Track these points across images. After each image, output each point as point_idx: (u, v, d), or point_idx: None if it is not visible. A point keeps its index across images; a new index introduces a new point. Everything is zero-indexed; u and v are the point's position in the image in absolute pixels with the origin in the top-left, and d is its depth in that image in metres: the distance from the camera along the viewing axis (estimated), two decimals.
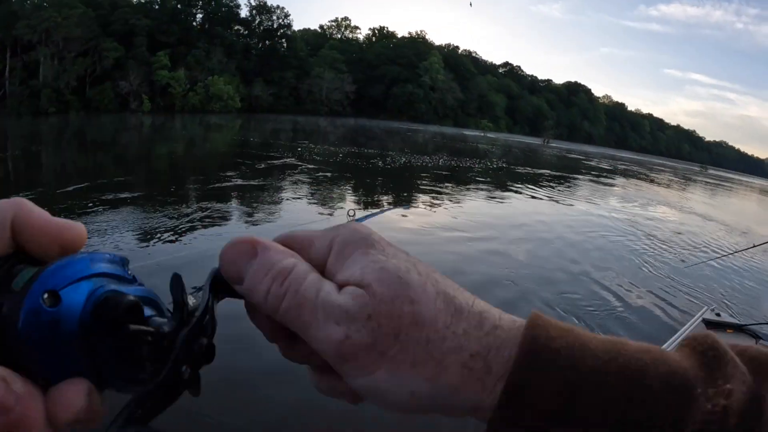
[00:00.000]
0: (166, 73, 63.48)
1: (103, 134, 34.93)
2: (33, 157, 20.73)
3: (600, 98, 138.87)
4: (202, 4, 75.18)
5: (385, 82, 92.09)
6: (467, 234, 10.77)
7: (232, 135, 38.56)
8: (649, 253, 11.40)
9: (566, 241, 11.48)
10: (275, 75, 78.18)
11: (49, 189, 12.56)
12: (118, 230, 8.82)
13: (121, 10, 65.00)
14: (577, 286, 8.22)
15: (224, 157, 23.42)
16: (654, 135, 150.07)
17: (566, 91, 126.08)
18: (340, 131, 52.21)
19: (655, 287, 8.60)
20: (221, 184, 14.62)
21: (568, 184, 26.36)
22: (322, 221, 9.83)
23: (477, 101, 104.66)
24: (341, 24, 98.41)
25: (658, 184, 37.57)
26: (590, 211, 16.80)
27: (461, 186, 19.36)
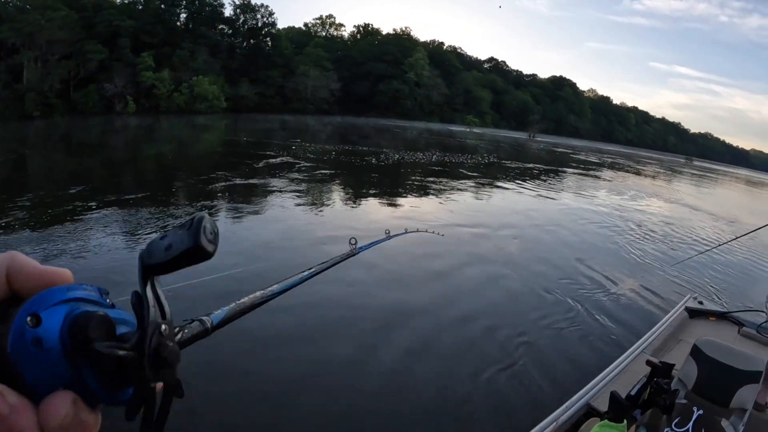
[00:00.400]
0: (150, 74, 63.67)
1: (92, 137, 35.32)
2: (32, 160, 20.96)
3: (585, 92, 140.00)
4: (185, 4, 75.21)
5: (371, 79, 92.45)
6: (468, 228, 11.44)
7: (223, 135, 39.04)
8: (637, 244, 11.89)
9: (560, 233, 12.06)
10: (261, 74, 78.40)
11: (53, 191, 12.91)
12: (127, 234, 9.25)
13: (104, 12, 65.07)
14: (571, 274, 8.74)
15: (221, 157, 23.74)
16: (640, 128, 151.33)
17: (551, 85, 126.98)
18: (329, 129, 52.93)
19: (641, 276, 9.00)
20: (223, 183, 15.21)
21: (558, 178, 26.87)
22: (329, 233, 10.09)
23: (463, 97, 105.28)
24: (326, 22, 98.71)
25: (645, 177, 38.26)
26: (580, 204, 17.46)
27: (455, 181, 19.75)
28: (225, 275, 5.29)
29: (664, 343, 3.92)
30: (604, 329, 6.40)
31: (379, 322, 6.12)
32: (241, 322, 0.59)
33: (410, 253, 8.87)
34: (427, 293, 7.29)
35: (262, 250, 8.70)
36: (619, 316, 6.91)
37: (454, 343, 5.78)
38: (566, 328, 6.34)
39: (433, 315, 6.51)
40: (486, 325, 6.26)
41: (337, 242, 8.35)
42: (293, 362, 5.06)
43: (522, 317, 6.58)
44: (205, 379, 4.44)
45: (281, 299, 0.78)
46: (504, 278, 8.35)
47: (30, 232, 8.97)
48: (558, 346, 5.79)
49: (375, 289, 7.22)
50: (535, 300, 7.35)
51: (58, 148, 28.31)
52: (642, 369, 3.02)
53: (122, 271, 6.88)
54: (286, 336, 5.55)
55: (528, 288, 7.90)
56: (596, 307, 7.19)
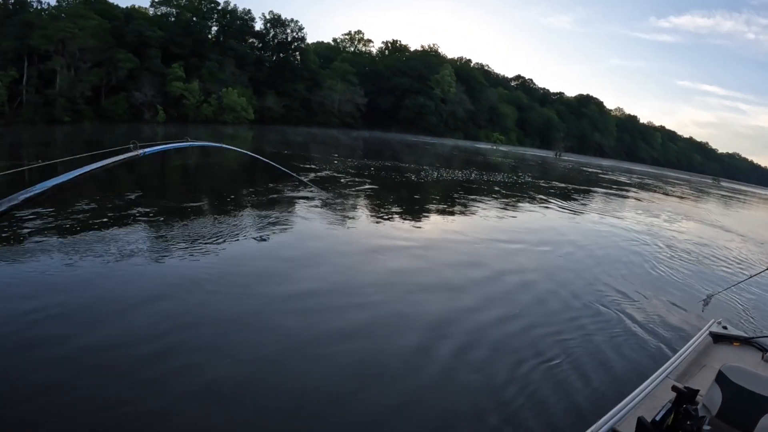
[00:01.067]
0: (180, 84, 63.02)
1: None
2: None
3: (612, 110, 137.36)
4: (217, 17, 75.04)
5: (396, 94, 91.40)
6: (514, 245, 11.75)
7: (262, 146, 38.64)
8: (666, 265, 11.61)
9: (596, 252, 12.08)
10: (287, 87, 77.66)
11: (113, 198, 12.59)
12: (214, 238, 9.37)
13: (135, 22, 64.82)
14: (600, 293, 8.59)
15: (267, 169, 22.73)
16: (665, 146, 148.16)
17: (577, 103, 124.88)
18: (360, 144, 51.95)
19: (667, 299, 8.76)
20: (276, 195, 15.31)
21: (592, 197, 27.10)
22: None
23: (487, 113, 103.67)
24: (354, 37, 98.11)
25: (675, 197, 37.78)
26: (614, 223, 17.49)
27: (497, 200, 19.95)
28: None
29: (688, 368, 3.86)
30: (629, 351, 6.24)
31: (433, 321, 6.48)
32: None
33: (458, 262, 9.66)
34: (473, 296, 7.69)
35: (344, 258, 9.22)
36: (645, 338, 6.74)
37: (488, 343, 5.98)
38: (590, 348, 6.14)
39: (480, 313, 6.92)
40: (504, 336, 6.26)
41: (394, 251, 9.98)
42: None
43: (543, 337, 6.34)
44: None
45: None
46: (533, 288, 8.50)
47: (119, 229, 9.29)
48: (581, 367, 5.58)
49: (424, 295, 7.59)
50: (561, 319, 7.16)
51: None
52: (666, 394, 2.94)
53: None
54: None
55: (556, 305, 7.76)
56: (625, 328, 7.05)
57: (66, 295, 6.05)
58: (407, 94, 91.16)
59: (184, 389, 4.35)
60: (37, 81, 50.77)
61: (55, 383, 4.27)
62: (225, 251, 8.59)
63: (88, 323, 5.40)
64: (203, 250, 8.51)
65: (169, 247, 8.51)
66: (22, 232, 8.48)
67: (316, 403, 4.38)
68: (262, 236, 10.01)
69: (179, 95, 63.08)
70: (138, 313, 5.75)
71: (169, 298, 6.32)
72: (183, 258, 8.02)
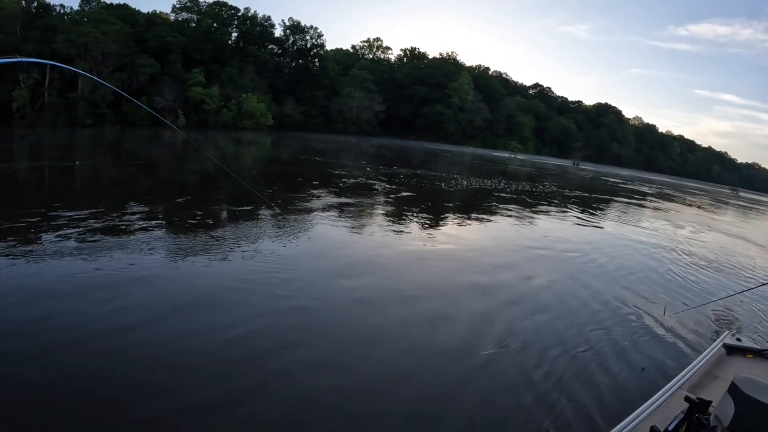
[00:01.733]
0: (200, 89, 62.46)
1: (170, 148, 35.93)
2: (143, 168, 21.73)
3: (630, 119, 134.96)
4: (237, 24, 74.64)
5: (415, 102, 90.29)
6: (544, 251, 12.00)
7: (290, 153, 39.51)
8: (685, 275, 11.42)
9: (618, 260, 11.99)
10: (306, 94, 76.95)
11: (164, 201, 13.38)
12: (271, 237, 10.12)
13: (156, 28, 64.52)
14: (617, 301, 8.47)
15: (301, 174, 23.71)
16: (683, 156, 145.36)
17: (595, 112, 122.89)
18: (383, 151, 51.34)
19: (684, 309, 8.49)
20: (315, 200, 15.39)
21: (617, 207, 27.02)
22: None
23: (505, 122, 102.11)
24: (373, 44, 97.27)
25: (696, 207, 37.56)
26: (641, 233, 17.36)
27: (526, 208, 19.98)
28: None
29: (701, 380, 3.83)
30: (642, 362, 6.11)
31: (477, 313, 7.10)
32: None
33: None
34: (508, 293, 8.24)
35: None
36: (656, 349, 6.59)
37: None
38: (604, 358, 6.07)
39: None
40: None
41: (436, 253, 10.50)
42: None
43: (555, 345, 6.26)
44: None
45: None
46: (558, 291, 8.69)
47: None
48: (593, 377, 5.51)
49: (462, 295, 7.91)
50: (576, 325, 7.15)
51: (161, 158, 28.35)
52: (679, 405, 2.98)
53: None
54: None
55: (573, 315, 7.65)
56: (638, 337, 6.94)
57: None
58: (425, 102, 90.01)
59: (298, 358, 5.20)
60: (59, 84, 50.24)
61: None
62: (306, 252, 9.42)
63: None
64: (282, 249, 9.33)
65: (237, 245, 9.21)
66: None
67: (382, 381, 5.00)
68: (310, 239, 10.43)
69: (199, 100, 62.50)
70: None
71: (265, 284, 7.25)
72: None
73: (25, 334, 5.05)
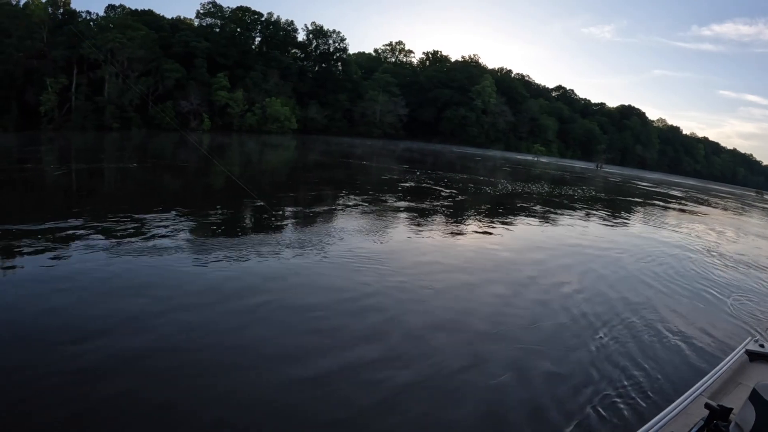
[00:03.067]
0: (225, 93, 61.43)
1: (219, 150, 35.14)
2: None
3: (654, 121, 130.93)
4: (260, 29, 73.64)
5: (437, 106, 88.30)
6: (591, 251, 12.10)
7: (330, 156, 38.59)
8: (715, 280, 10.95)
9: (653, 265, 11.50)
10: (329, 97, 75.53)
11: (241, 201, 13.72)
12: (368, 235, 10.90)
13: (181, 33, 63.70)
14: (647, 305, 8.20)
15: (359, 178, 24.45)
16: (708, 159, 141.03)
17: (619, 114, 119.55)
18: (417, 156, 50.46)
19: (712, 313, 8.36)
20: (393, 203, 16.08)
21: (655, 211, 26.44)
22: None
23: (528, 125, 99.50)
24: (395, 48, 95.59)
25: (727, 211, 36.08)
26: (680, 237, 16.90)
27: (577, 212, 20.19)
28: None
29: (722, 386, 3.65)
30: (665, 367, 5.92)
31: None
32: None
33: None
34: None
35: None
36: (677, 355, 6.34)
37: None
38: (627, 361, 5.94)
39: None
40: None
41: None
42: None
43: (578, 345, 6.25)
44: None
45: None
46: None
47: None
48: (617, 380, 5.42)
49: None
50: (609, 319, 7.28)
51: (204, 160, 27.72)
52: (700, 412, 2.98)
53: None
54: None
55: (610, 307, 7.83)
56: (660, 342, 6.71)
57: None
58: (448, 105, 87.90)
59: (369, 324, 6.09)
60: (86, 88, 49.39)
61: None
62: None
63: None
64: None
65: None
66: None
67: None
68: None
69: (224, 104, 61.45)
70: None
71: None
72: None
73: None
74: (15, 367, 4.37)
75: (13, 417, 3.79)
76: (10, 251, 7.46)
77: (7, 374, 4.28)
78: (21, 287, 6.16)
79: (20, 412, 3.84)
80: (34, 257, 7.26)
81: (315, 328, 5.73)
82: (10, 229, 8.60)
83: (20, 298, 5.82)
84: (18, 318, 5.30)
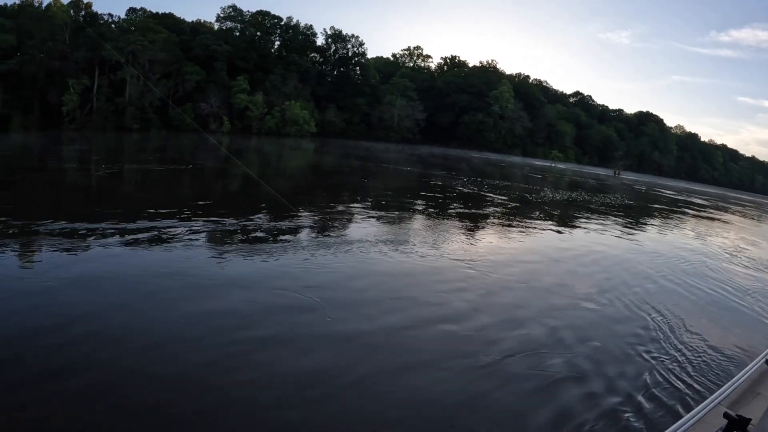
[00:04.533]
0: (245, 96, 60.44)
1: (267, 153, 35.70)
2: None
3: (672, 128, 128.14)
4: (280, 33, 72.78)
5: (455, 110, 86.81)
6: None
7: (362, 161, 36.39)
8: (738, 290, 10.81)
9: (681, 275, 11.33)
10: (348, 101, 74.40)
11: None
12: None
13: (202, 36, 62.92)
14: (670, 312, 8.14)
15: (406, 183, 24.61)
16: (726, 166, 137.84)
17: (636, 120, 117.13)
18: (445, 161, 49.31)
19: (735, 323, 8.28)
20: (454, 209, 16.28)
21: (687, 220, 26.11)
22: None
23: (545, 130, 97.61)
24: (413, 53, 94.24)
25: (752, 219, 35.90)
26: (716, 246, 16.95)
27: (623, 220, 20.41)
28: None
29: (742, 396, 3.64)
30: (685, 377, 5.76)
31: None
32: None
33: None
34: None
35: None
36: (697, 365, 6.14)
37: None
38: (647, 369, 5.85)
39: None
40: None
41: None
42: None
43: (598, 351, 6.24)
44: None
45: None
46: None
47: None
48: (635, 386, 5.37)
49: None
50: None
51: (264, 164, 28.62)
52: (718, 421, 2.91)
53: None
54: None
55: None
56: (682, 351, 6.55)
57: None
58: (466, 110, 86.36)
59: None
60: (107, 90, 48.63)
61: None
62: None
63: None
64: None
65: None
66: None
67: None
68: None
69: (244, 107, 60.43)
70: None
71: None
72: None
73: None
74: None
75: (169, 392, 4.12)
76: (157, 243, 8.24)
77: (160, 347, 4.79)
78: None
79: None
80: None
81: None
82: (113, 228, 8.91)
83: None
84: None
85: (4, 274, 6.22)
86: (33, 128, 39.46)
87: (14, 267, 6.60)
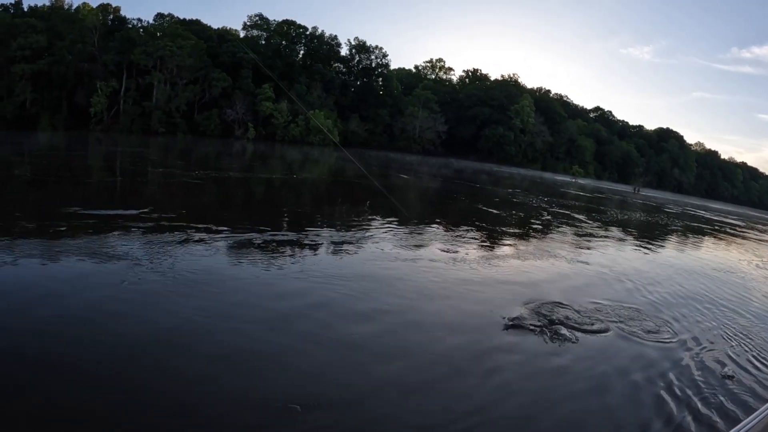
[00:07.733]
0: (270, 104, 59.21)
1: (315, 160, 35.35)
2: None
3: (692, 145, 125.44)
4: (305, 42, 71.81)
5: (477, 124, 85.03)
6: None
7: (406, 172, 35.59)
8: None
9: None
10: (370, 111, 73.00)
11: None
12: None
13: (228, 44, 61.97)
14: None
15: (472, 196, 23.95)
16: (746, 184, 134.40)
17: (657, 137, 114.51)
18: (477, 175, 46.75)
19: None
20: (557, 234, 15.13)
21: (724, 240, 24.42)
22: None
23: (566, 145, 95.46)
24: (436, 65, 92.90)
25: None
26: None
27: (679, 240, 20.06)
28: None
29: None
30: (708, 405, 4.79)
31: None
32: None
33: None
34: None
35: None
36: (731, 389, 5.21)
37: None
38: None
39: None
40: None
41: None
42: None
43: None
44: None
45: None
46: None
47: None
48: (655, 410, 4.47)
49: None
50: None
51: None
52: None
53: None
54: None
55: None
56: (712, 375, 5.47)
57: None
58: (487, 124, 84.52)
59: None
60: (134, 93, 47.53)
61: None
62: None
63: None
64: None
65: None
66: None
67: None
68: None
69: (269, 114, 59.18)
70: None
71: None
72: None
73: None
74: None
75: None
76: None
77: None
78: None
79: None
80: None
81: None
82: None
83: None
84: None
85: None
86: (60, 128, 38.25)
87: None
